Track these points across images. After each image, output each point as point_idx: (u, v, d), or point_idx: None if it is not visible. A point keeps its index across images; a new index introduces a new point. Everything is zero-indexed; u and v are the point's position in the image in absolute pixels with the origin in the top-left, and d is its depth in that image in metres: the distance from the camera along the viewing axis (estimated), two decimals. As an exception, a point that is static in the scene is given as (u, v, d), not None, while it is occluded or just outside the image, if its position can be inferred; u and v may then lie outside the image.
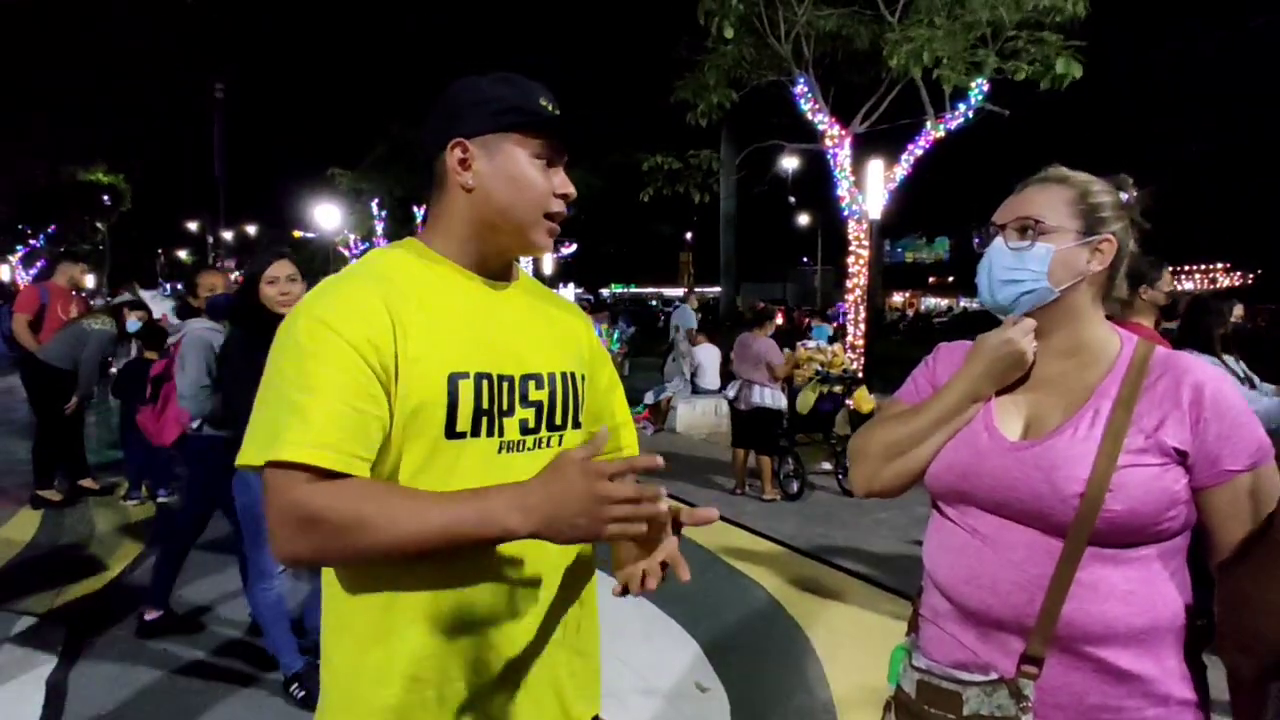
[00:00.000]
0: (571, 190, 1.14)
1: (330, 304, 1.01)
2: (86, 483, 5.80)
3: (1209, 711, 1.11)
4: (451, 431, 1.03)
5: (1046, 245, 1.15)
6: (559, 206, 1.13)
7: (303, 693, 2.90)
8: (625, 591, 1.01)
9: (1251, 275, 36.21)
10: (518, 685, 1.10)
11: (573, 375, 1.18)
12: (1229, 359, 3.23)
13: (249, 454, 0.97)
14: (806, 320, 13.12)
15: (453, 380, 1.03)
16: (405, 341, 1.01)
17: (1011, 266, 1.17)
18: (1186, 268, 37.96)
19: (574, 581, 1.17)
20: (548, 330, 1.20)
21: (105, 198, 25.58)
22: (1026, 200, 1.19)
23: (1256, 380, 3.22)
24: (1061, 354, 1.18)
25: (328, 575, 1.09)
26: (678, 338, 10.37)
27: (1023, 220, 1.17)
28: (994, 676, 1.11)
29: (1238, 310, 3.49)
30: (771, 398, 6.14)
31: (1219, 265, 38.49)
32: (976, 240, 1.26)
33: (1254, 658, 0.99)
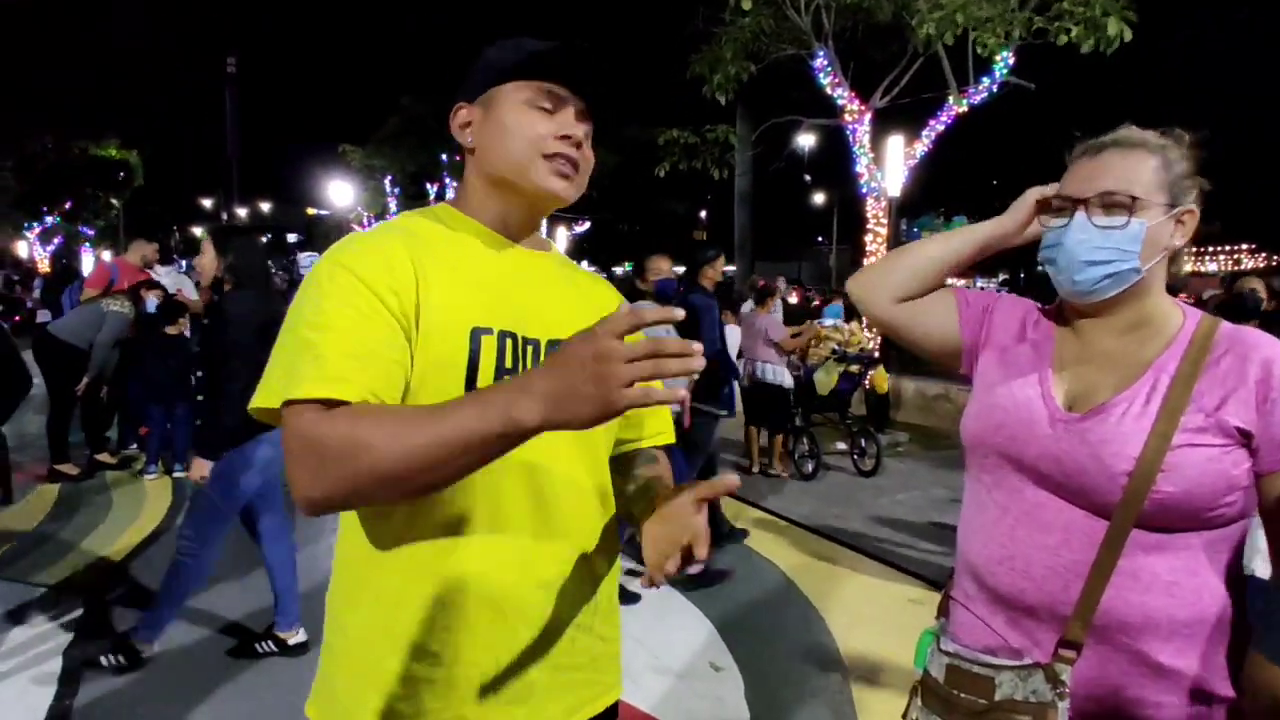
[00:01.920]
0: (574, 131, 1.05)
1: (354, 250, 0.99)
2: (103, 457, 5.84)
3: None
4: (471, 388, 0.98)
5: (1141, 222, 1.04)
6: (560, 147, 1.04)
7: (271, 648, 3.09)
8: (653, 583, 0.96)
9: (1277, 257, 35.59)
10: (535, 669, 1.07)
11: None
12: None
13: (262, 397, 0.91)
14: (819, 301, 13.00)
15: (475, 335, 0.99)
16: (428, 292, 0.98)
17: (1099, 246, 1.05)
18: (1211, 249, 37.35)
19: (598, 564, 1.13)
20: (578, 300, 1.16)
21: (120, 174, 25.62)
22: (1109, 169, 1.07)
23: None
24: (1123, 330, 1.11)
25: (343, 539, 1.06)
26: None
27: (1111, 195, 1.05)
28: (1028, 661, 1.07)
29: (1252, 283, 3.47)
30: (774, 374, 6.09)
31: (1244, 246, 37.83)
32: (1043, 216, 1.15)
33: None
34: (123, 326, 5.53)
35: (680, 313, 0.78)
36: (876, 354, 7.82)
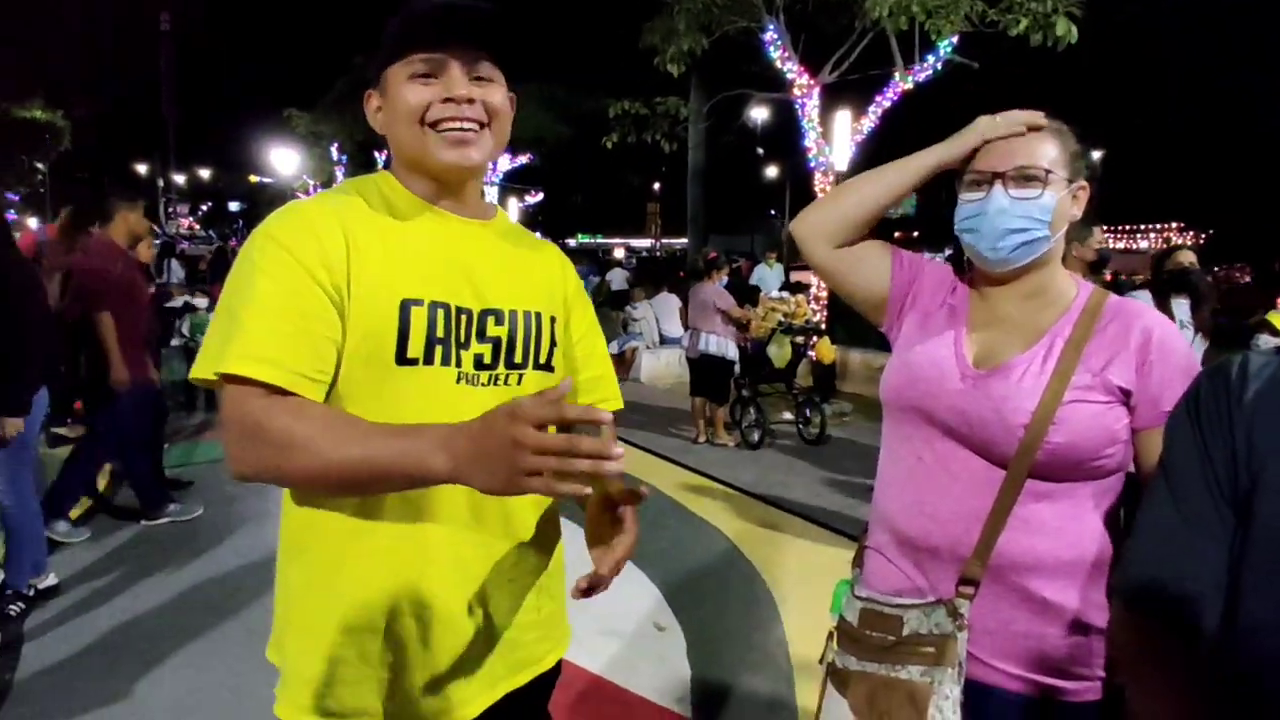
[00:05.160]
0: (459, 90, 1.03)
1: (286, 224, 1.00)
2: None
3: None
4: (402, 358, 1.01)
5: (1053, 193, 1.14)
6: (444, 111, 1.04)
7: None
8: (585, 592, 1.04)
9: (1204, 235, 37.22)
10: (485, 628, 1.10)
11: (539, 315, 1.16)
12: (1177, 301, 3.39)
13: (199, 368, 0.95)
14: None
15: (405, 306, 1.01)
16: (360, 264, 1.00)
17: (1018, 215, 1.14)
18: (1142, 227, 38.85)
19: (544, 530, 1.18)
20: (517, 269, 1.17)
21: (46, 136, 24.29)
22: (1027, 147, 1.16)
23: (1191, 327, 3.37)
24: (1024, 296, 1.21)
25: (286, 499, 1.08)
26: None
27: (1027, 168, 1.14)
28: (932, 599, 1.16)
29: (1189, 257, 3.67)
30: (717, 345, 6.18)
31: (1173, 225, 39.42)
32: (960, 187, 1.22)
33: None
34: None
35: (607, 415, 0.82)
36: (822, 325, 7.97)
